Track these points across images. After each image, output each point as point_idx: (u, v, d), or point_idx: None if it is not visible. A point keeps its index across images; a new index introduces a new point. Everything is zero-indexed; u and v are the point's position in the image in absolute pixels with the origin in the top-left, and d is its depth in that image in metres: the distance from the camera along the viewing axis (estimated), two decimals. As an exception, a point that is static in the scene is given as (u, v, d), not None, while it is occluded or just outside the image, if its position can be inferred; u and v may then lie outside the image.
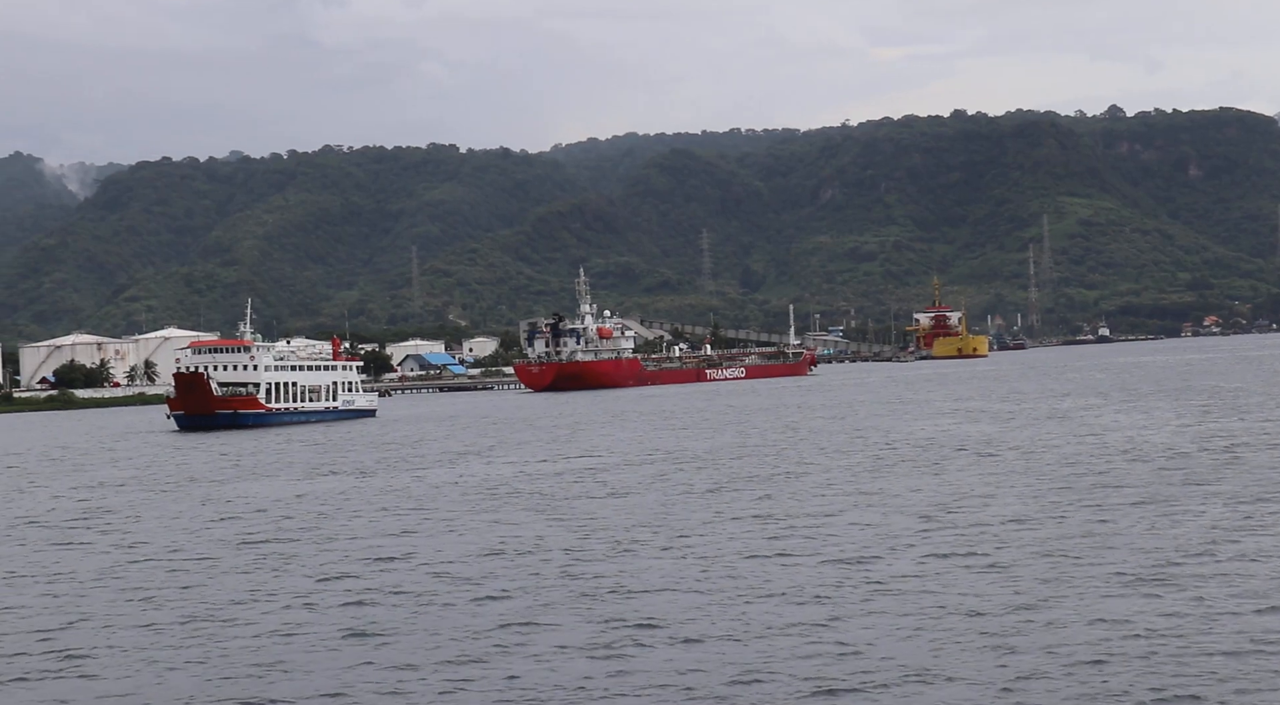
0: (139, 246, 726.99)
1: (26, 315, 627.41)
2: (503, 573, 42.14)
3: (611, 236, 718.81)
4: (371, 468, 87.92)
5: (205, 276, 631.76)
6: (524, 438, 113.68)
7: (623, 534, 49.24)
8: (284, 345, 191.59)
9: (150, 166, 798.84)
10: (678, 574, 40.51)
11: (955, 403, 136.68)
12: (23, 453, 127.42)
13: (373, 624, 35.34)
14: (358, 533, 53.51)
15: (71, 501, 73.34)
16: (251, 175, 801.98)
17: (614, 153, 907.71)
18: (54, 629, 36.60)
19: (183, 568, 46.23)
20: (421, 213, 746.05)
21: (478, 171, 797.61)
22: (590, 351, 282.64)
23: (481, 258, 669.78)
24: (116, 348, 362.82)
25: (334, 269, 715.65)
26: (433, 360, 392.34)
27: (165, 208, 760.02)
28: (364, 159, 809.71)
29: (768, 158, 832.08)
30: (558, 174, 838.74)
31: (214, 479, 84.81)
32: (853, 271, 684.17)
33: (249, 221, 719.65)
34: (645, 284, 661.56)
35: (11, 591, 42.54)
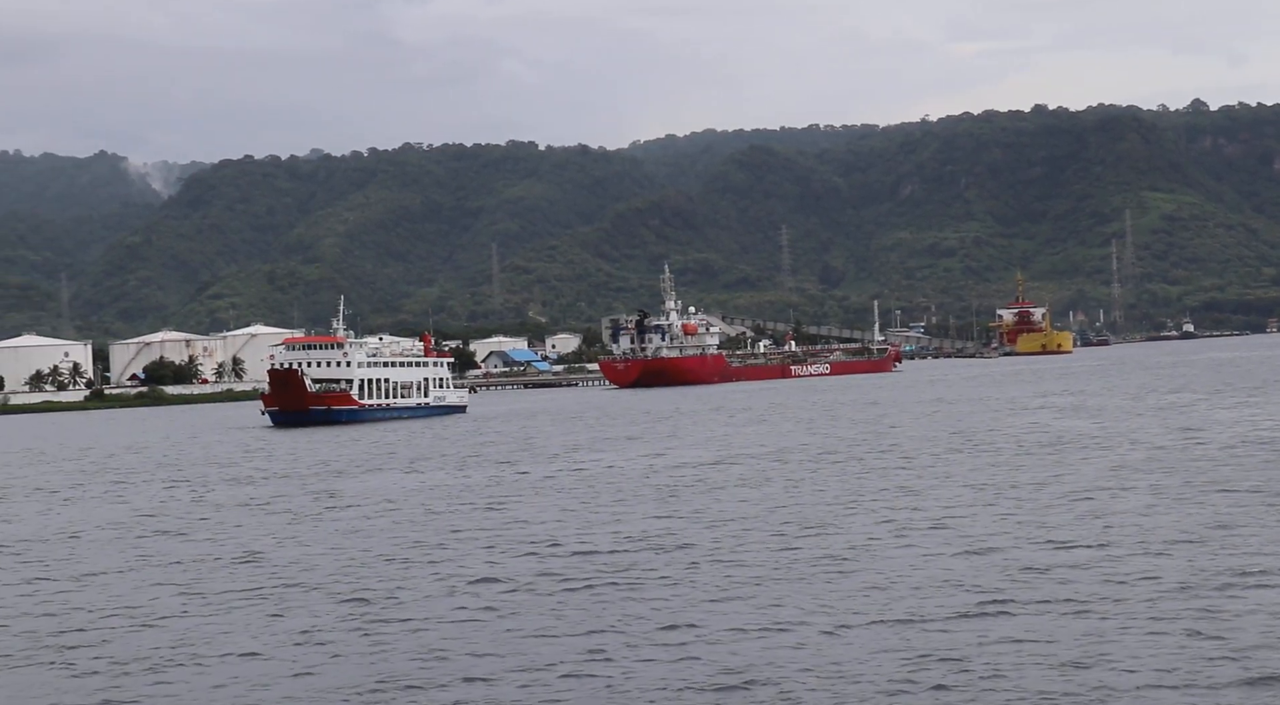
0: (222, 244, 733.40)
1: (112, 312, 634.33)
2: (659, 561, 42.68)
3: (690, 233, 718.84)
4: (492, 461, 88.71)
5: (287, 274, 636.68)
6: (631, 432, 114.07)
7: (772, 525, 49.64)
8: (376, 342, 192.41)
9: (233, 165, 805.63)
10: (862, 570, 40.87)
11: (1066, 398, 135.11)
12: (143, 448, 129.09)
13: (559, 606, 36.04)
14: (526, 519, 54.38)
15: (226, 494, 74.50)
16: (332, 173, 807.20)
17: (692, 149, 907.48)
18: (281, 615, 37.50)
19: (372, 551, 47.14)
20: (501, 210, 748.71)
21: (557, 168, 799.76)
22: (675, 348, 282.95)
23: (560, 254, 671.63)
24: (204, 345, 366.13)
25: (414, 266, 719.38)
26: (516, 357, 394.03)
27: (248, 206, 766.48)
28: (444, 156, 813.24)
29: (847, 154, 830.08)
30: (636, 171, 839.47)
31: (341, 471, 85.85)
32: (932, 267, 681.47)
33: (330, 219, 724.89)
34: (724, 280, 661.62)
35: (214, 584, 43.34)
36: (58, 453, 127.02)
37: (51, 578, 45.74)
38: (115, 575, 45.52)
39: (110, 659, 32.82)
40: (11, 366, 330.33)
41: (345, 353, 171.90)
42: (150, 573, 45.68)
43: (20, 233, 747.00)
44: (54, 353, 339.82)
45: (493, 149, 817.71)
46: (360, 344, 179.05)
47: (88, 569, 47.23)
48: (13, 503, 75.53)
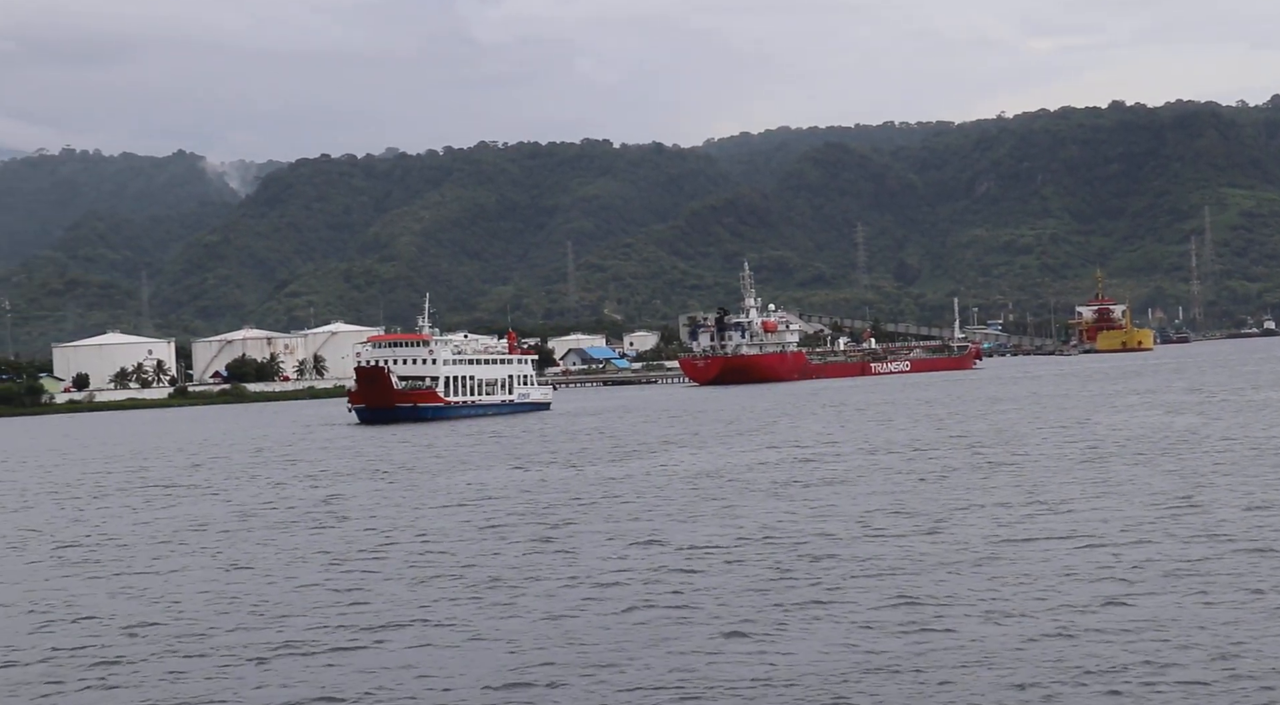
0: (299, 243, 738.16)
1: (191, 311, 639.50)
2: (788, 554, 43.05)
3: (765, 231, 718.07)
4: (589, 457, 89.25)
5: (364, 272, 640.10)
6: (721, 429, 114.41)
7: (874, 519, 49.93)
8: (461, 339, 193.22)
9: (309, 164, 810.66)
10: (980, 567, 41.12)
11: (1167, 395, 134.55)
12: (235, 443, 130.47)
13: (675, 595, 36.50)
14: (637, 516, 54.82)
15: (329, 488, 75.36)
16: (408, 172, 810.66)
17: (767, 147, 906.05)
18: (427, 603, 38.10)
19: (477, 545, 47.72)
20: (576, 208, 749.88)
21: (631, 166, 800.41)
22: (755, 345, 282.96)
23: (636, 252, 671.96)
24: (285, 342, 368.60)
25: (490, 264, 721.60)
26: (594, 354, 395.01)
27: (324, 205, 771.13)
28: (519, 155, 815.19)
29: (922, 151, 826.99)
30: (710, 168, 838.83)
31: (445, 468, 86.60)
32: (1009, 264, 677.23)
33: (406, 218, 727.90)
34: (799, 278, 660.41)
35: (347, 579, 44.00)
36: (177, 449, 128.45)
37: (235, 567, 46.55)
38: (276, 563, 46.34)
39: (288, 644, 33.54)
40: (96, 364, 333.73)
41: (431, 350, 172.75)
42: (316, 561, 46.53)
43: (100, 232, 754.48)
44: (138, 350, 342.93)
45: (567, 147, 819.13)
46: (446, 341, 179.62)
47: (255, 557, 48.04)
48: (203, 500, 76.57)
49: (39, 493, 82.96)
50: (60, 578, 46.14)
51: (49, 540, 57.32)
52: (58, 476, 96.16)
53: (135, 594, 41.95)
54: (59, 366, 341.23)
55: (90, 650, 34.11)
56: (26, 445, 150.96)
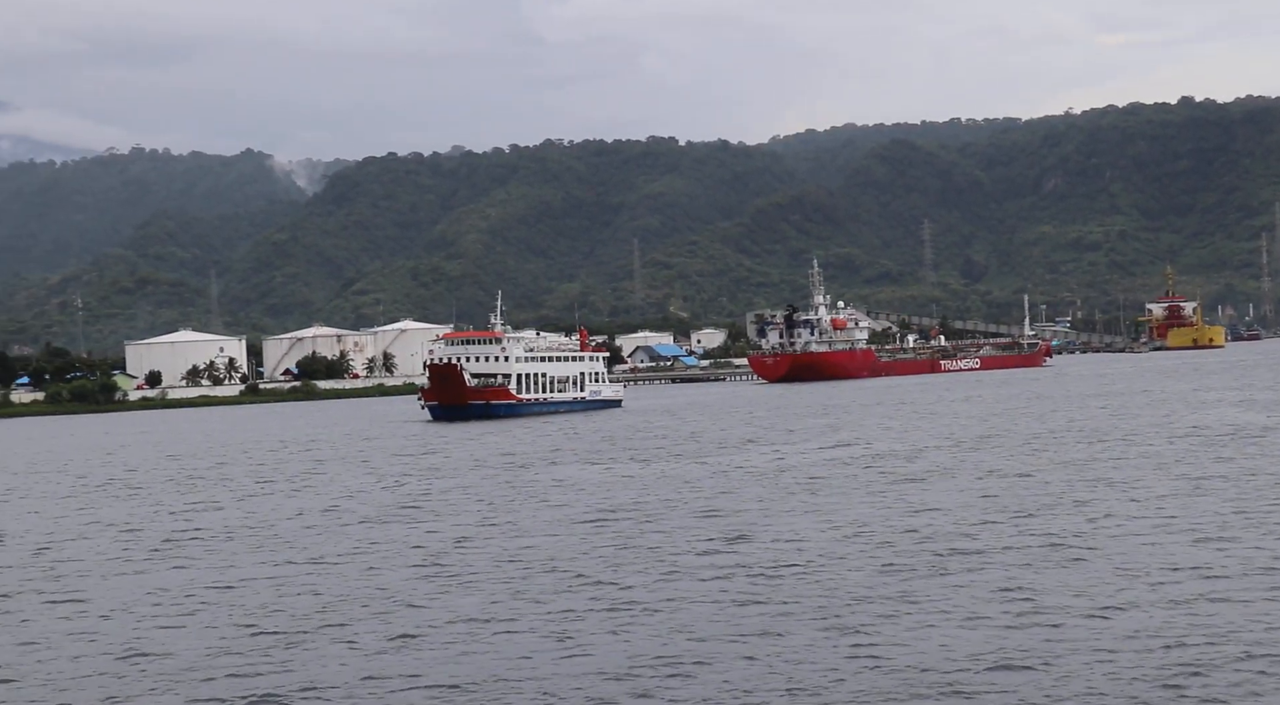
0: (366, 241, 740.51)
1: (259, 308, 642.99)
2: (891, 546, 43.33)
3: (831, 228, 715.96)
4: (672, 454, 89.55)
5: (430, 270, 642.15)
6: (802, 425, 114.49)
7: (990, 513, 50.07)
8: (533, 336, 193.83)
9: (376, 162, 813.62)
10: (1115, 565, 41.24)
11: (1263, 392, 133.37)
12: (318, 440, 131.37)
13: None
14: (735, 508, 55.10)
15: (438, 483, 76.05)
16: (474, 170, 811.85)
17: (833, 144, 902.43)
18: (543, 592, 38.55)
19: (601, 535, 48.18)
20: (642, 205, 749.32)
21: (697, 164, 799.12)
22: (824, 342, 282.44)
23: (701, 250, 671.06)
24: (355, 340, 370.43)
25: (556, 262, 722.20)
26: (662, 351, 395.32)
27: (391, 203, 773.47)
28: (584, 152, 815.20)
29: (989, 147, 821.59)
30: (776, 166, 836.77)
31: (526, 464, 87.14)
32: (1077, 261, 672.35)
33: (472, 215, 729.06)
34: (866, 275, 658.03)
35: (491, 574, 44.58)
36: (261, 444, 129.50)
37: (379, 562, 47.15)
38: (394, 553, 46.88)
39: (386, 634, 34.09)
40: (168, 361, 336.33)
41: (504, 347, 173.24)
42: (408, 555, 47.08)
43: (170, 230, 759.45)
44: (209, 348, 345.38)
45: (633, 145, 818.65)
46: (518, 339, 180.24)
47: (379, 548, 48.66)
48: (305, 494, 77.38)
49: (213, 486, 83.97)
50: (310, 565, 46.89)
51: (287, 532, 58.14)
52: (180, 469, 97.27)
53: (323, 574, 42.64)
54: (132, 364, 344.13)
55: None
56: (139, 440, 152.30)
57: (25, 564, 50.41)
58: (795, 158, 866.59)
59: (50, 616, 39.46)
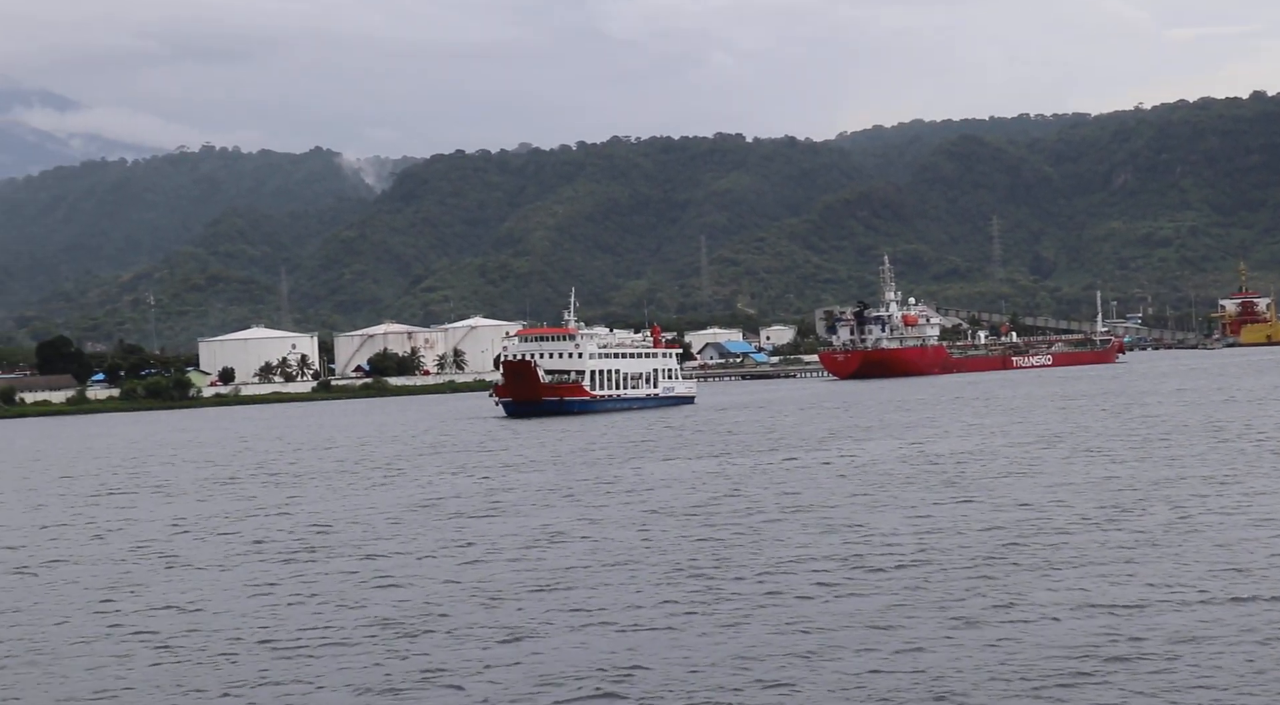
0: (434, 238, 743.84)
1: (328, 305, 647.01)
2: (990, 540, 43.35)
3: (899, 224, 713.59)
4: (754, 449, 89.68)
5: (498, 267, 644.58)
6: (887, 421, 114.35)
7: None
8: (607, 333, 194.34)
9: (444, 160, 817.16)
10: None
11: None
12: (398, 436, 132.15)
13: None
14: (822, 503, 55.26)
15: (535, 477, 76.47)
16: (542, 167, 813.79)
17: (900, 140, 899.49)
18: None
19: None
20: (709, 202, 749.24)
21: (764, 160, 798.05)
22: (895, 339, 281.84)
23: (769, 246, 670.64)
24: (426, 336, 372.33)
25: (623, 259, 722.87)
26: (732, 348, 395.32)
27: (459, 200, 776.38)
28: (651, 149, 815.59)
29: (1058, 143, 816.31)
30: (844, 162, 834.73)
31: (609, 459, 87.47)
32: (1147, 258, 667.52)
33: (540, 212, 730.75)
34: (934, 271, 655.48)
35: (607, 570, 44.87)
36: (343, 440, 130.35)
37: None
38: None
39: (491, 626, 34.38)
40: (241, 358, 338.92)
41: (577, 344, 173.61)
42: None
43: (240, 228, 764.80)
44: (281, 345, 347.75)
45: (700, 141, 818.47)
46: (591, 335, 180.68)
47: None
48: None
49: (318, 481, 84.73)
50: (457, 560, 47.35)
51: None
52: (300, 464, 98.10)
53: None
54: (205, 361, 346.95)
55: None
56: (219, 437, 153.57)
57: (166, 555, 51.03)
58: (863, 154, 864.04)
59: (176, 600, 39.96)
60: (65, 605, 40.90)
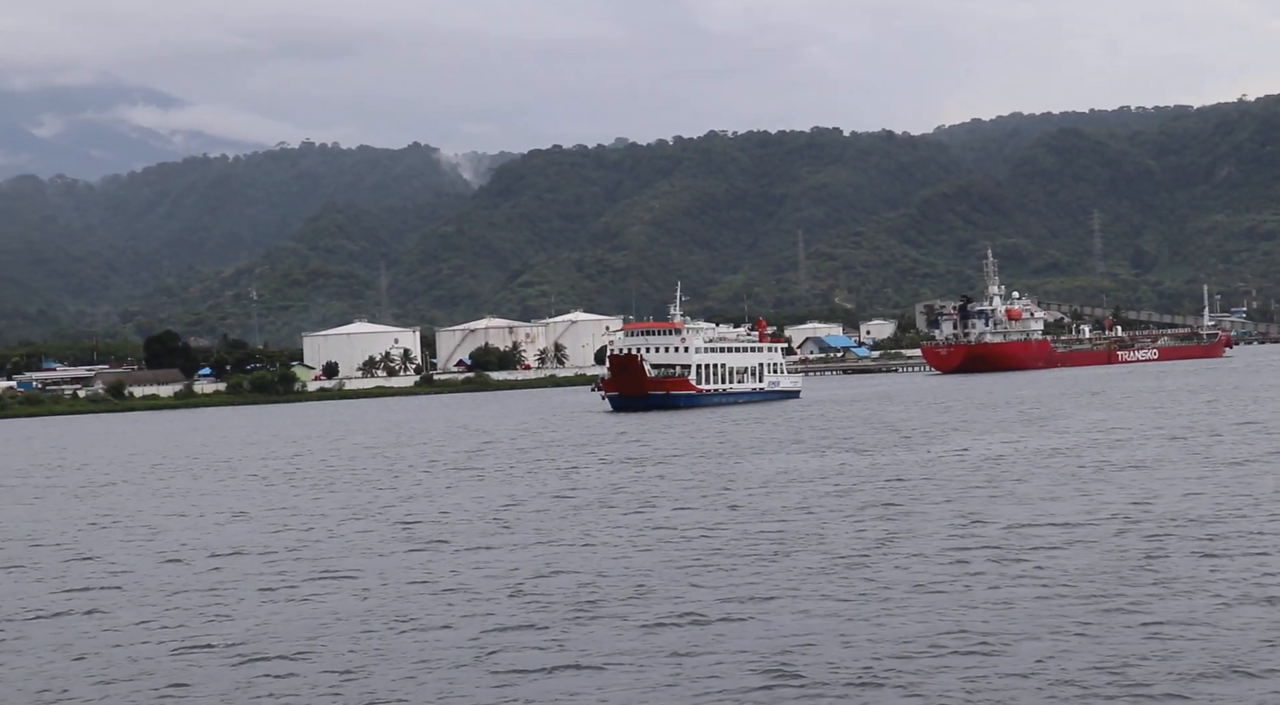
0: (531, 233, 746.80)
1: (426, 300, 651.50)
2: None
3: (998, 218, 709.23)
4: (874, 443, 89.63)
5: (595, 262, 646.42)
6: (1001, 415, 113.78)
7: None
8: (713, 327, 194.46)
9: (541, 155, 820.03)
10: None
11: None
12: (511, 429, 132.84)
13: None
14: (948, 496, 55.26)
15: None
16: (638, 162, 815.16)
17: (999, 133, 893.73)
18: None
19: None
20: (806, 196, 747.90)
21: (861, 154, 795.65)
22: (999, 333, 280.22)
23: (866, 241, 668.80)
24: (527, 331, 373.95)
25: (719, 253, 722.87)
26: (832, 343, 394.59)
27: (556, 195, 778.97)
28: (748, 144, 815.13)
29: (1160, 135, 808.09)
30: (941, 156, 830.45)
31: (733, 453, 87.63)
32: (1251, 251, 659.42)
33: (636, 207, 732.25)
34: (1033, 266, 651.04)
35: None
36: (463, 432, 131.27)
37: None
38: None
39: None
40: (345, 352, 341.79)
41: (683, 338, 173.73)
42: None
43: (339, 223, 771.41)
44: (384, 339, 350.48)
45: (797, 136, 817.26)
46: (698, 329, 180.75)
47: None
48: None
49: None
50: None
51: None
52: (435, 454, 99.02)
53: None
54: (309, 355, 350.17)
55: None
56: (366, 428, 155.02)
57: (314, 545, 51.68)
58: (961, 147, 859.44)
59: (342, 590, 40.47)
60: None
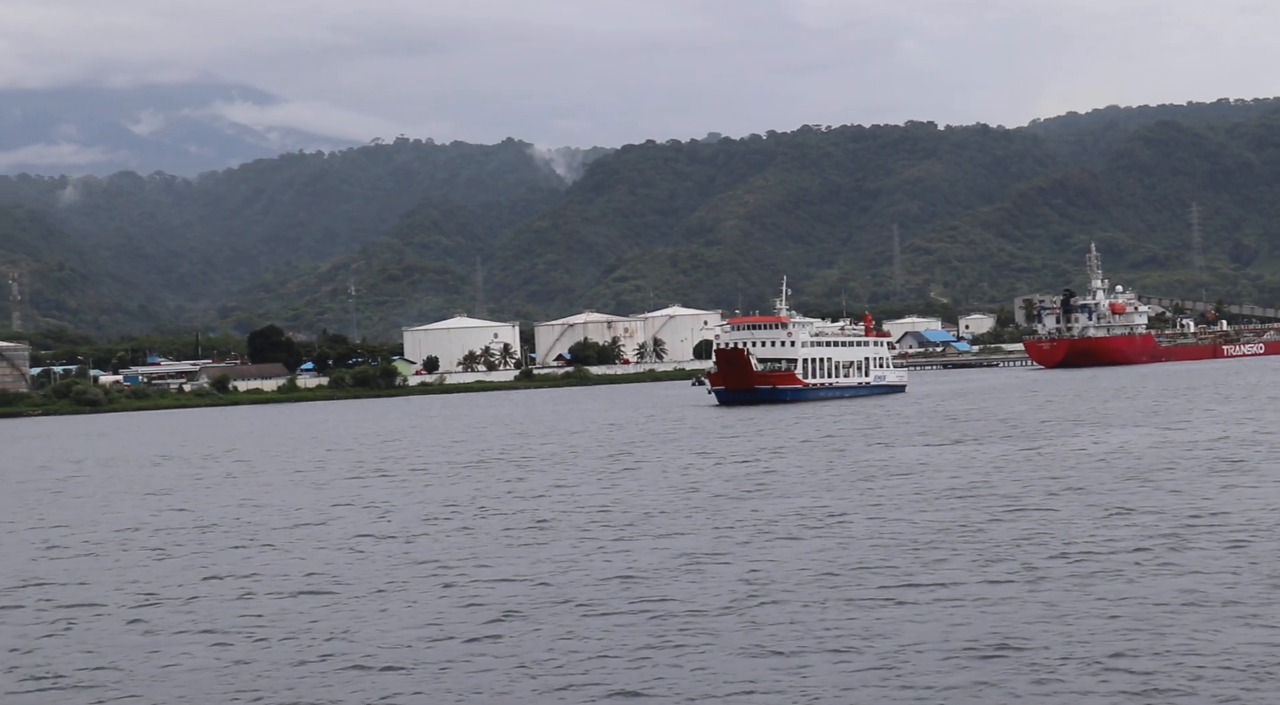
0: (625, 228, 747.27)
1: (521, 295, 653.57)
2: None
3: (1094, 212, 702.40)
4: (995, 436, 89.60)
5: (689, 256, 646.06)
6: (1113, 408, 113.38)
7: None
8: (820, 321, 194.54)
9: (635, 150, 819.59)
10: None
11: None
12: (620, 423, 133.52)
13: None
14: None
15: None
16: (732, 156, 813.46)
17: (1095, 126, 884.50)
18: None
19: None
20: (900, 191, 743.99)
21: (956, 148, 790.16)
22: (1102, 327, 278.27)
23: (961, 235, 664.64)
24: (625, 326, 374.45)
25: (813, 248, 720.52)
26: (931, 337, 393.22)
27: (650, 190, 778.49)
28: (842, 138, 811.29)
29: (1260, 128, 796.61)
30: (1037, 149, 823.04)
31: (882, 443, 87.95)
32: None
33: (730, 202, 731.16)
34: (1130, 260, 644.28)
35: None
36: (574, 426, 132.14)
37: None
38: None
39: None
40: (445, 347, 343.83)
41: (790, 332, 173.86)
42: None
43: (434, 219, 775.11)
44: (484, 334, 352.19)
45: (891, 130, 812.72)
46: (804, 323, 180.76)
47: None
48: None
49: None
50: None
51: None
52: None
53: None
54: (409, 349, 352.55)
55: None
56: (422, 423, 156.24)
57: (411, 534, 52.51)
58: (1056, 141, 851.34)
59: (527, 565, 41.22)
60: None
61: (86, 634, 36.12)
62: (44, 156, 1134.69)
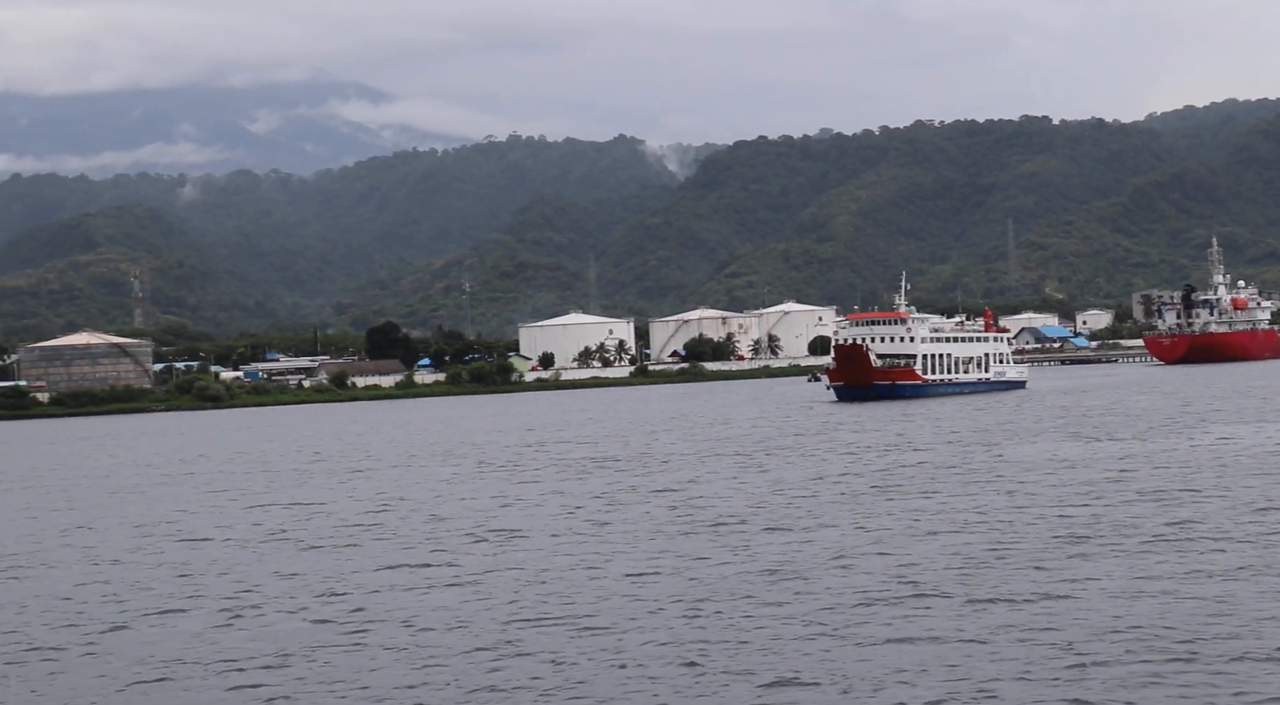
0: (737, 224, 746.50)
1: (634, 291, 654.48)
2: None
3: (1212, 206, 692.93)
4: (1130, 432, 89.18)
5: (802, 252, 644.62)
6: (1247, 406, 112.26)
7: None
8: (939, 318, 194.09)
9: (747, 146, 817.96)
10: None
11: None
12: (750, 419, 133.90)
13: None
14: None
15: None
16: (844, 152, 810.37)
17: (1213, 120, 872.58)
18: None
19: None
20: (1014, 186, 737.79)
21: (1071, 143, 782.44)
22: (1224, 323, 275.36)
23: (1077, 230, 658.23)
24: (740, 322, 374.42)
25: (926, 243, 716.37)
26: (1049, 333, 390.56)
27: (762, 186, 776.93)
28: (955, 133, 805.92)
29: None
30: (1154, 144, 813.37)
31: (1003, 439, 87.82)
32: None
33: (843, 198, 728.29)
34: (1250, 255, 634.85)
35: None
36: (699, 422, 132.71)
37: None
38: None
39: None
40: (560, 343, 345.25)
41: (909, 328, 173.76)
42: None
43: (547, 215, 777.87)
44: (599, 330, 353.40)
45: (1005, 125, 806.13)
46: (924, 319, 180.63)
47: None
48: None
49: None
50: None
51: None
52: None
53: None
54: (525, 345, 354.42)
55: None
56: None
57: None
58: (1173, 135, 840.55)
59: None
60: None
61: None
62: (163, 155, 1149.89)
